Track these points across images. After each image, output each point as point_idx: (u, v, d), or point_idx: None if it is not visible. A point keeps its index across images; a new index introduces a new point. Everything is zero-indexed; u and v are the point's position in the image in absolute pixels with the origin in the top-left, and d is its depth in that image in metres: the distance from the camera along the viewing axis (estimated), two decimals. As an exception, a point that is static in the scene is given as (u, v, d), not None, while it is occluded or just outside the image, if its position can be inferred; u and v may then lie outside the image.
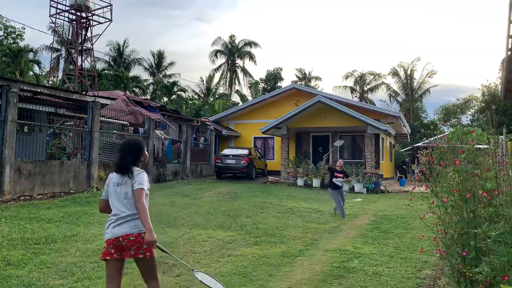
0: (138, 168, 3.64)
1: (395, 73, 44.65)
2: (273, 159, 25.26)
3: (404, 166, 29.15)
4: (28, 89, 12.49)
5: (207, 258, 6.41)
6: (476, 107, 44.88)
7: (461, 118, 46.73)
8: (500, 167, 3.41)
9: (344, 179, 11.33)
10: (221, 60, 48.84)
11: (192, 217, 9.81)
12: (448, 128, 41.11)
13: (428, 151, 4.20)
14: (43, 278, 5.12)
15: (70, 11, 27.19)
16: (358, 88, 47.76)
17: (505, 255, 2.81)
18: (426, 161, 4.13)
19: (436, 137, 27.60)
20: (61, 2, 26.81)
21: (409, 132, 28.42)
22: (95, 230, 7.86)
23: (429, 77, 43.87)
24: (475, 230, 3.23)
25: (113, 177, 3.66)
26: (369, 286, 5.22)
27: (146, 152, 3.78)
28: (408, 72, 44.25)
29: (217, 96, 46.34)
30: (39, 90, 12.93)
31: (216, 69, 48.78)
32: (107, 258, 3.48)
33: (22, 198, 11.38)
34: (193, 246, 7.11)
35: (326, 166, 13.53)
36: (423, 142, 27.61)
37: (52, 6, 26.39)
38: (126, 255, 3.48)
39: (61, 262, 5.77)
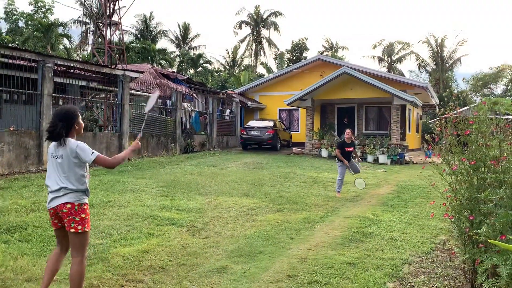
0: (75, 140, 3.54)
1: (425, 42, 43.43)
2: (298, 131, 25.49)
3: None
4: (62, 63, 13.04)
5: (232, 222, 6.85)
6: (509, 76, 43.34)
7: (493, 88, 45.28)
8: (506, 135, 3.58)
9: (354, 153, 10.39)
10: (246, 31, 48.89)
11: (219, 185, 10.27)
12: (478, 98, 39.96)
13: (441, 121, 4.38)
14: (85, 238, 5.65)
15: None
16: (386, 58, 46.82)
17: (504, 217, 3.05)
18: (439, 131, 4.32)
19: (464, 107, 26.99)
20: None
21: (438, 103, 27.92)
22: (128, 196, 8.42)
23: (460, 45, 42.53)
24: (479, 195, 3.46)
25: (50, 147, 3.61)
26: (384, 250, 5.53)
27: (81, 121, 3.67)
28: (439, 41, 42.94)
29: (242, 68, 46.47)
30: (72, 65, 13.48)
31: (241, 40, 48.79)
32: (54, 227, 3.69)
33: (60, 167, 12.09)
34: (219, 212, 7.57)
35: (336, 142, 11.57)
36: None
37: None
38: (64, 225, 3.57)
39: (100, 225, 6.30)
